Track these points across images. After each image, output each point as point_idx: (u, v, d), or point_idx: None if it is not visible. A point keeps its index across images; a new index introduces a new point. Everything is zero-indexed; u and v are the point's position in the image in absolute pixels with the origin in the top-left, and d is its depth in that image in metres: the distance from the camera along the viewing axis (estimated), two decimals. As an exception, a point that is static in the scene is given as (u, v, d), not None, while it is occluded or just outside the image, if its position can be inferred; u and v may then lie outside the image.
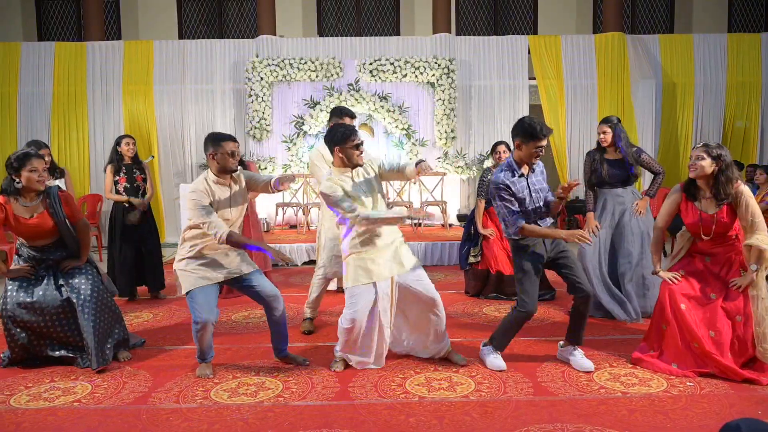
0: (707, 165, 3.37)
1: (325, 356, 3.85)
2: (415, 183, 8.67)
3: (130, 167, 5.51)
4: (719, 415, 2.92)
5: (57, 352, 3.74)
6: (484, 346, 3.73)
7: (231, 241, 3.38)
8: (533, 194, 3.50)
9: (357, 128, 3.81)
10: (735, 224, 3.44)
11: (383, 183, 3.80)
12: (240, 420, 2.96)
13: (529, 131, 3.38)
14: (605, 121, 4.63)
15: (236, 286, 3.66)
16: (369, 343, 3.59)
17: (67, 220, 3.75)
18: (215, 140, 3.49)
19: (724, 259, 3.49)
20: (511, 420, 2.92)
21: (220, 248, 3.53)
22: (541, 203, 3.53)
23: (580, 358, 3.59)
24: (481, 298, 5.46)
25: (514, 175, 3.47)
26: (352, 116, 4.52)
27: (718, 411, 2.97)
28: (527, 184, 3.50)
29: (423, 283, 3.60)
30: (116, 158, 5.50)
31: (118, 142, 5.53)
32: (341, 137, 3.50)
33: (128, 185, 5.48)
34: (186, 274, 3.51)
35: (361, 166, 3.58)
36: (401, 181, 3.69)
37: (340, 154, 3.52)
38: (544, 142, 3.40)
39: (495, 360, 3.61)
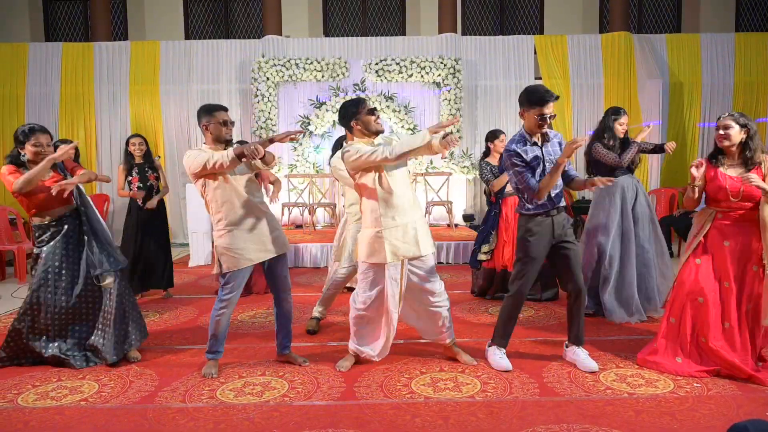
0: (736, 133, 3.35)
1: (331, 356, 3.85)
2: (444, 158, 8.59)
3: (142, 166, 5.55)
4: (726, 416, 2.90)
5: (50, 350, 3.74)
6: (489, 346, 3.72)
7: (239, 154, 3.26)
8: (548, 164, 3.42)
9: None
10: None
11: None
12: (246, 419, 2.97)
13: (530, 96, 3.32)
14: (620, 112, 4.58)
15: (264, 264, 3.65)
16: (374, 332, 3.61)
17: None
18: (208, 110, 3.52)
19: (743, 246, 3.37)
20: (516, 420, 2.91)
21: (249, 218, 3.47)
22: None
23: (584, 358, 3.58)
24: (486, 298, 5.45)
25: (525, 144, 3.41)
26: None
27: (725, 412, 2.96)
28: (541, 153, 3.42)
29: (425, 272, 3.54)
30: (127, 158, 5.56)
31: (126, 142, 5.60)
32: (354, 108, 3.51)
33: (141, 184, 5.52)
34: (228, 254, 3.47)
35: (381, 132, 3.55)
36: (427, 155, 3.57)
37: (359, 126, 3.51)
38: (548, 109, 3.29)
39: (501, 360, 3.60)
